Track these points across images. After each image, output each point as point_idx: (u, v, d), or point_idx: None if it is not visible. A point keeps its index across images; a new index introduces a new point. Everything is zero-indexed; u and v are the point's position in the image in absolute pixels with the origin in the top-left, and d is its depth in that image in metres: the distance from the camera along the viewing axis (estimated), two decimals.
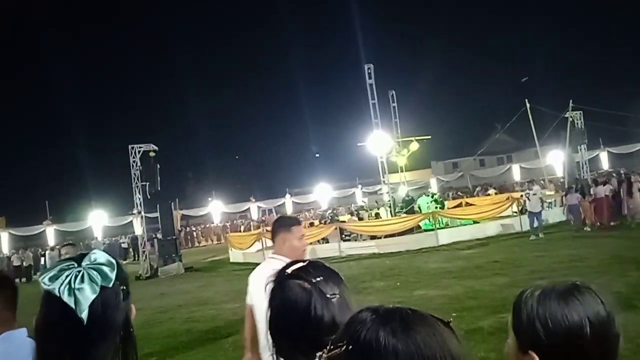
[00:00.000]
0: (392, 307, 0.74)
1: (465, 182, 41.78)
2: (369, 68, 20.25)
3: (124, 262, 26.87)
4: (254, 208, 40.44)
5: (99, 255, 1.07)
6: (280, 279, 1.19)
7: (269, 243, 19.06)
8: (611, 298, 1.03)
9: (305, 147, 65.29)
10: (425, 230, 17.28)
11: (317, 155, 52.06)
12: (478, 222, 17.50)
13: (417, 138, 21.72)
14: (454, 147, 48.90)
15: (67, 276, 1.01)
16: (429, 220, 17.19)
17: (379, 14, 63.72)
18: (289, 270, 1.20)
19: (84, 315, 0.99)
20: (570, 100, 22.08)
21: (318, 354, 0.75)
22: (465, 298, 8.24)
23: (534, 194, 15.61)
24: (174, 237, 19.75)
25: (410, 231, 17.05)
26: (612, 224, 15.66)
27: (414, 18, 70.12)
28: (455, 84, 61.45)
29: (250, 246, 18.93)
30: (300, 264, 1.22)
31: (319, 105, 65.24)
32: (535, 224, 15.22)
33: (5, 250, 28.41)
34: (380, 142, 20.34)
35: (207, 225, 37.69)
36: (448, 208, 20.51)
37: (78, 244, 30.15)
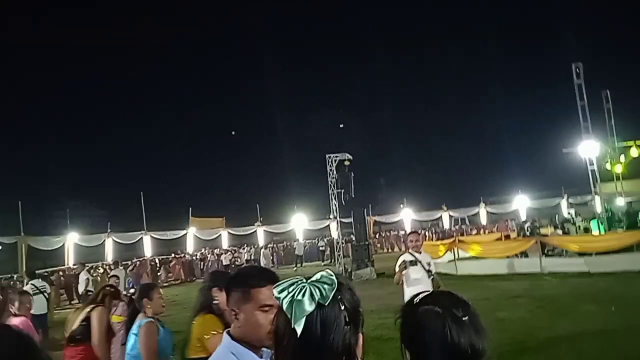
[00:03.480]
0: None
1: None
2: (577, 67, 18.27)
3: (322, 264, 28.73)
4: (446, 217, 39.56)
5: (325, 275, 1.14)
6: (411, 307, 1.21)
7: (462, 254, 18.57)
8: None
9: (502, 153, 61.47)
10: None
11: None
12: None
13: (638, 143, 18.81)
14: None
15: (292, 289, 1.10)
16: None
17: (587, 9, 56.59)
18: (417, 299, 1.21)
19: (298, 327, 1.05)
20: None
21: None
22: None
23: None
24: (366, 243, 20.40)
25: (630, 249, 14.81)
26: None
27: (625, 11, 60.66)
28: None
29: (441, 256, 18.54)
30: (426, 293, 1.23)
31: (518, 108, 60.79)
32: None
33: (225, 245, 32.79)
34: (591, 148, 18.13)
35: (397, 232, 38.13)
36: None
37: (283, 243, 33.26)
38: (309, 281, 1.11)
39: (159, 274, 25.82)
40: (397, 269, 6.26)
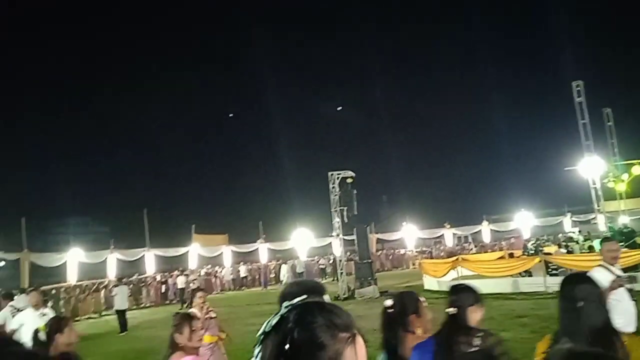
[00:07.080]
0: None
1: None
2: (577, 85, 18.43)
3: (322, 281, 28.54)
4: (449, 234, 39.46)
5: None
6: None
7: (465, 272, 18.50)
8: None
9: (504, 171, 61.51)
10: None
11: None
12: None
13: None
14: None
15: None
16: None
17: (587, 25, 56.92)
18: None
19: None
20: None
21: None
22: None
23: None
24: (369, 261, 20.35)
25: (633, 268, 14.75)
26: None
27: (627, 26, 60.89)
28: None
29: (444, 274, 18.48)
30: None
31: (520, 125, 60.96)
32: None
33: (228, 263, 32.63)
34: (593, 166, 18.19)
35: (401, 251, 37.97)
36: None
37: (285, 261, 33.09)
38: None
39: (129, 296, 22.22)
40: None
